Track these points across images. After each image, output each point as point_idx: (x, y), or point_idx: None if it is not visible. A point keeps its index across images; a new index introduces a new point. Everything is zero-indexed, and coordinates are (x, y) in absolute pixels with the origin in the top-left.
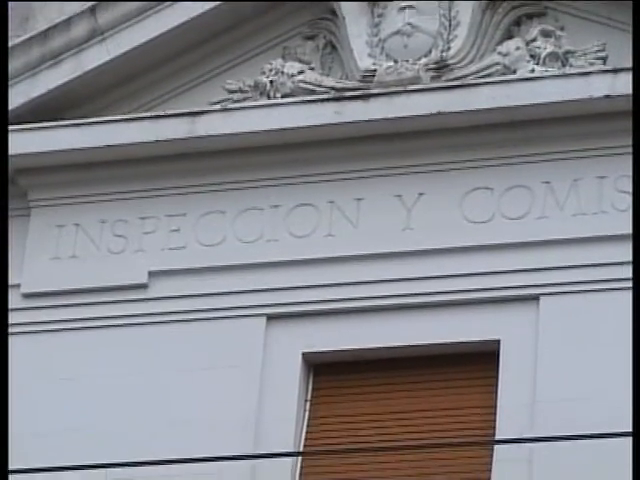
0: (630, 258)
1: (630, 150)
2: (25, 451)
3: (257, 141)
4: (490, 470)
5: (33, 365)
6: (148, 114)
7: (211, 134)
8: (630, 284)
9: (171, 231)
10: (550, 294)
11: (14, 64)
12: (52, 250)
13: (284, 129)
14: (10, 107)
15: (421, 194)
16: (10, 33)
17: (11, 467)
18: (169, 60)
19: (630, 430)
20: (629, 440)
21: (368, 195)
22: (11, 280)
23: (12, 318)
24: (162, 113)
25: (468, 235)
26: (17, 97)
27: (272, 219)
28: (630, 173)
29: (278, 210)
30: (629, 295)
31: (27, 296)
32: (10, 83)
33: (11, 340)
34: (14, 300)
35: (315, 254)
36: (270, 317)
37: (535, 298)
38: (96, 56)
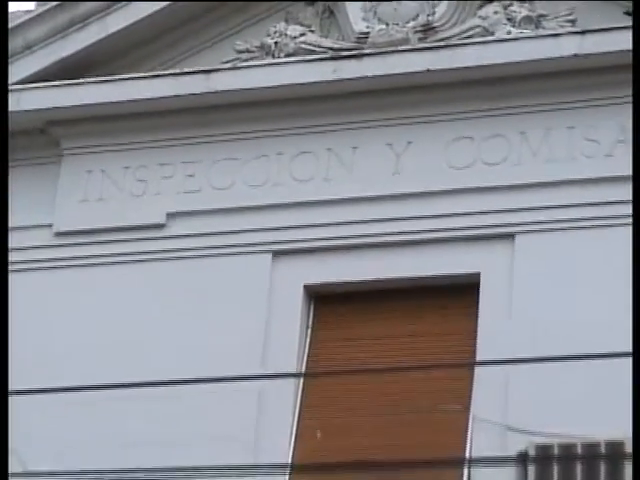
0: (596, 200)
1: (598, 103)
2: (62, 368)
3: (263, 95)
4: (471, 389)
5: (61, 297)
6: (167, 72)
7: (223, 89)
8: (591, 223)
9: (187, 176)
10: (524, 232)
11: (46, 27)
12: (80, 193)
13: (287, 85)
14: (43, 66)
15: (409, 142)
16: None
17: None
18: (185, 23)
19: (629, 351)
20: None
21: (362, 144)
22: (43, 220)
23: (44, 254)
24: (179, 71)
25: (451, 179)
26: (49, 57)
27: (277, 165)
28: (597, 124)
29: (282, 157)
30: (594, 231)
31: (58, 234)
32: (42, 44)
33: (42, 274)
34: (46, 238)
35: (315, 197)
36: (275, 253)
37: (511, 235)
38: (119, 20)
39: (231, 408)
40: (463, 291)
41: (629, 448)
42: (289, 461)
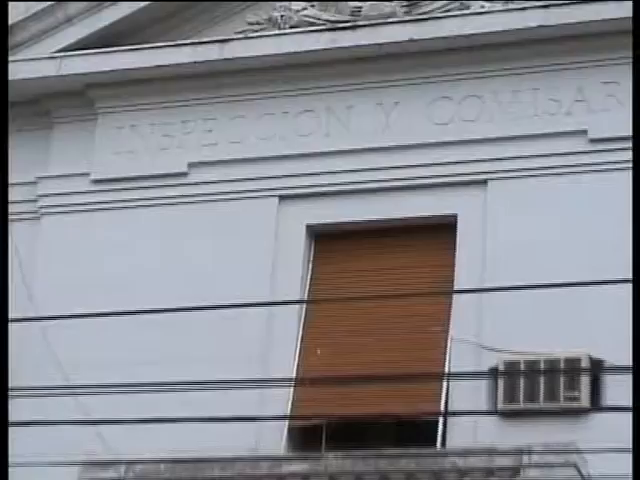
0: (558, 151)
1: (560, 68)
2: (96, 295)
3: (270, 62)
4: (449, 314)
5: (96, 234)
6: (187, 41)
7: (235, 57)
8: (553, 170)
9: (205, 131)
10: (496, 178)
11: (84, 3)
12: (113, 146)
13: (291, 52)
14: (81, 36)
15: (397, 102)
16: None
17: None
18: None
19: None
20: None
21: (356, 103)
22: (82, 169)
23: (82, 199)
24: (197, 40)
25: (433, 134)
26: (85, 28)
27: (282, 122)
28: (558, 86)
29: (287, 115)
30: (556, 178)
31: (95, 182)
32: (80, 17)
33: (80, 216)
34: (85, 185)
35: (315, 149)
36: (281, 197)
37: (484, 182)
38: None
39: (244, 330)
40: (443, 230)
41: (585, 363)
42: (294, 375)
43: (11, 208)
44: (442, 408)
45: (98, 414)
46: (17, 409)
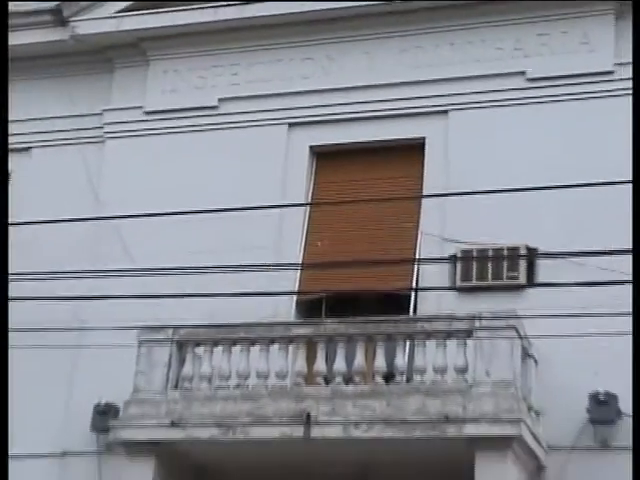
0: (501, 87)
1: (502, 23)
2: (154, 200)
3: (282, 20)
4: (419, 214)
5: (147, 155)
6: (215, 4)
7: (254, 16)
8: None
9: (232, 74)
10: (455, 109)
11: None
12: (161, 86)
13: (298, 13)
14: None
15: (378, 51)
16: None
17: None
18: None
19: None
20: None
21: (348, 52)
22: (136, 104)
23: (137, 126)
24: (224, 3)
25: (406, 75)
26: None
27: (291, 66)
28: (506, 36)
29: (294, 61)
30: (501, 108)
31: (147, 113)
32: None
33: (136, 140)
34: (139, 115)
35: (316, 87)
36: (290, 125)
37: (445, 112)
38: None
39: (263, 227)
40: (414, 149)
41: (522, 251)
42: (300, 261)
43: (82, 134)
44: (414, 285)
45: (155, 290)
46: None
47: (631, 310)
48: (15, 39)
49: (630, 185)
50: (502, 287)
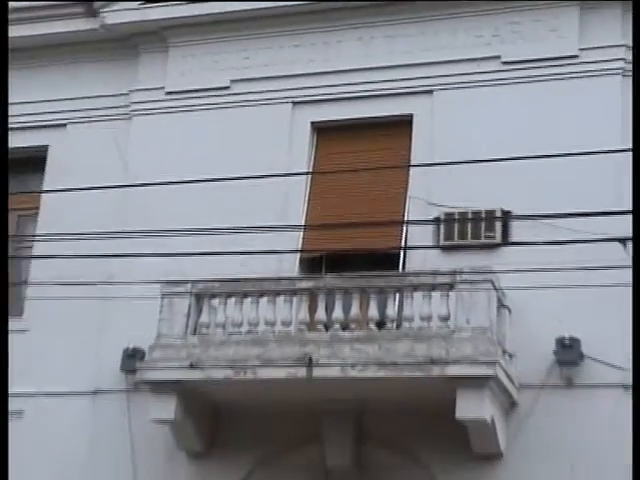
0: (479, 70)
1: (481, 14)
2: (176, 169)
3: (285, 11)
4: (407, 181)
5: (170, 129)
6: None
7: (261, 7)
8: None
9: (242, 58)
10: (439, 89)
11: None
12: (180, 69)
13: (297, 4)
14: None
15: (372, 38)
16: None
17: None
18: None
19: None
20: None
21: (345, 39)
22: (159, 84)
23: (159, 105)
24: None
25: (396, 59)
26: None
27: (295, 52)
28: (481, 26)
29: (298, 47)
30: (479, 88)
31: (168, 93)
32: None
33: (158, 117)
34: (161, 95)
35: (317, 70)
36: (294, 103)
37: (431, 92)
38: None
39: (271, 193)
40: (404, 124)
41: (498, 213)
42: (303, 223)
43: (111, 111)
44: (402, 244)
45: (175, 249)
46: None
47: (593, 265)
48: (51, 28)
49: (589, 156)
50: (480, 246)
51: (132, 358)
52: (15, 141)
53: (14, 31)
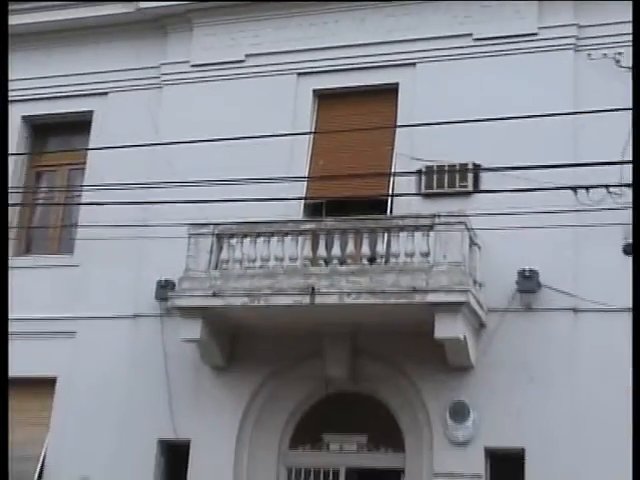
0: (453, 45)
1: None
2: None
3: None
4: (394, 142)
5: (193, 96)
6: None
7: None
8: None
9: (254, 36)
10: (421, 62)
11: None
12: (203, 44)
13: None
14: None
15: (363, 19)
16: None
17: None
18: None
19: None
20: None
21: (342, 19)
22: (184, 58)
23: (185, 76)
24: None
25: (384, 36)
26: None
27: (300, 30)
28: (455, 8)
29: (302, 26)
30: (454, 62)
31: (192, 66)
32: None
33: (184, 86)
34: (185, 68)
35: (319, 45)
36: (299, 74)
37: (414, 64)
38: None
39: (278, 150)
40: (390, 92)
41: (470, 166)
42: (306, 174)
43: (145, 82)
44: (390, 192)
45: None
46: (158, 195)
47: (549, 210)
48: (94, 12)
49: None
50: (455, 193)
51: (165, 288)
52: (65, 107)
53: (63, 14)
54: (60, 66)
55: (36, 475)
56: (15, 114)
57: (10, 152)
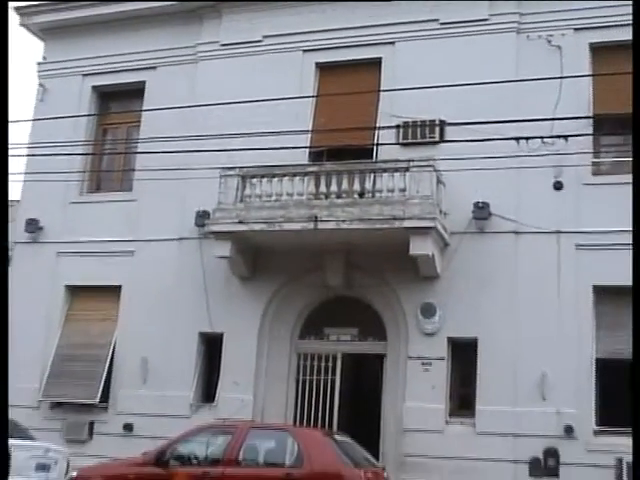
0: (424, 28)
1: None
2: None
3: None
4: (379, 102)
5: (218, 70)
6: None
7: None
8: (423, 38)
9: (268, 21)
10: (399, 41)
11: None
12: (229, 28)
13: None
14: None
15: (356, 7)
16: None
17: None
18: None
19: None
20: None
21: (337, 7)
22: (215, 39)
23: (215, 53)
24: None
25: (370, 20)
26: None
27: (303, 17)
28: None
29: (304, 13)
30: (425, 40)
31: (221, 45)
32: None
33: (218, 61)
34: (216, 46)
35: (318, 28)
36: (304, 50)
37: (393, 43)
38: None
39: (288, 108)
40: (375, 64)
41: (437, 122)
42: (310, 128)
43: (184, 58)
44: (375, 142)
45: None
46: (194, 146)
47: (497, 155)
48: (147, 5)
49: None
50: (425, 143)
51: (202, 217)
52: (124, 78)
53: (124, 6)
54: (120, 47)
55: (109, 357)
56: (86, 85)
57: (82, 114)
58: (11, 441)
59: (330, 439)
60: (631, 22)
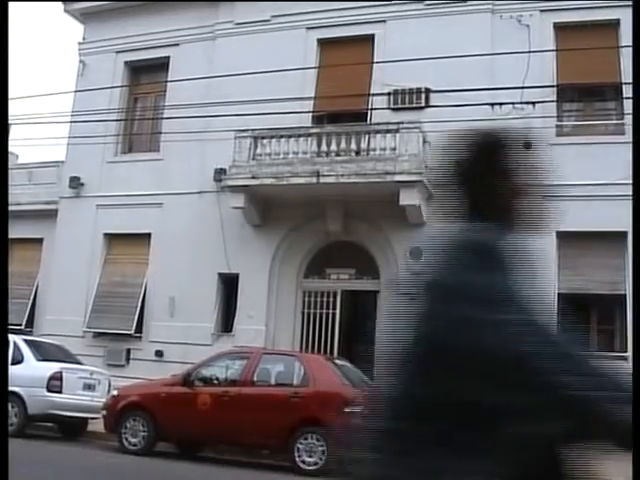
0: (408, 9)
1: None
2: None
3: None
4: (372, 72)
5: (230, 47)
6: None
7: None
8: (409, 18)
9: (276, 2)
10: (389, 20)
11: None
12: (242, 10)
13: None
14: None
15: None
16: None
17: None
18: None
19: None
20: None
21: None
22: (230, 19)
23: (229, 31)
24: None
25: (365, 2)
26: None
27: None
28: None
29: None
30: (409, 20)
31: (236, 24)
32: None
33: (232, 38)
34: (231, 25)
35: (321, 8)
36: (307, 28)
37: (384, 21)
38: None
39: (292, 79)
40: (369, 40)
41: (424, 90)
42: (313, 96)
43: (204, 35)
44: (370, 107)
45: (242, 112)
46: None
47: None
48: None
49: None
50: (413, 108)
51: (220, 173)
52: (151, 54)
53: None
54: (147, 27)
55: (141, 294)
56: (119, 60)
57: (115, 85)
58: (62, 365)
59: (332, 363)
60: (594, 6)
